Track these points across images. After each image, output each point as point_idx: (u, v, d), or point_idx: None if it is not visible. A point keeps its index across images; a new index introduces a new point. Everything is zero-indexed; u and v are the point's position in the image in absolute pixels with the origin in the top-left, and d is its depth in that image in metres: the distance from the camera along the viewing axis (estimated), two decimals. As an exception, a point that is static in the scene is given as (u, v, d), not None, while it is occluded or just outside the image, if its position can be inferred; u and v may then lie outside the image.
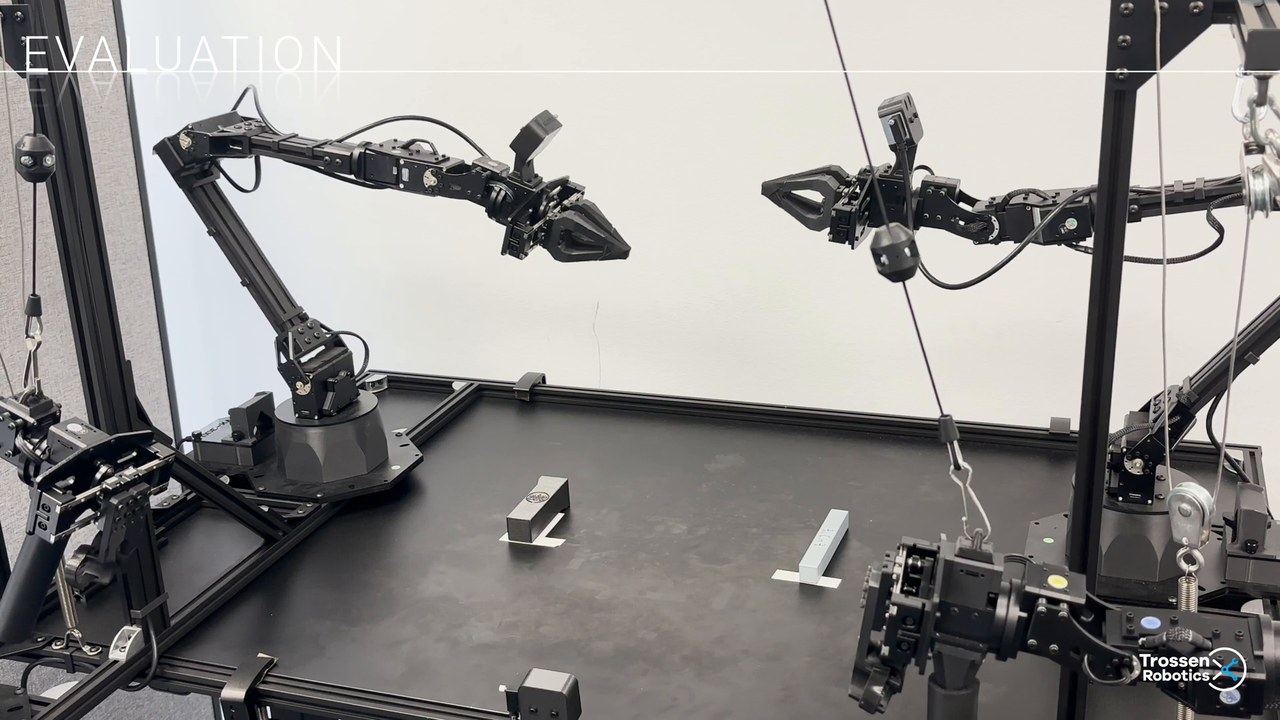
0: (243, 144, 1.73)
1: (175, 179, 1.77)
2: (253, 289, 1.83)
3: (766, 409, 2.04)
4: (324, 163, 1.69)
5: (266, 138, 1.73)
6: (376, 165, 1.67)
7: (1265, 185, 0.93)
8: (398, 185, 1.67)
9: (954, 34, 1.95)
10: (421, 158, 1.67)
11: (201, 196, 1.79)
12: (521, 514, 1.70)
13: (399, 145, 1.69)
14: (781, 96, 2.05)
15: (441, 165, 1.65)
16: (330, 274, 2.43)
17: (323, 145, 1.70)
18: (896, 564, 0.97)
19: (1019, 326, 2.03)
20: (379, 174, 1.67)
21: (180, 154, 1.74)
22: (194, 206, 1.79)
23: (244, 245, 1.82)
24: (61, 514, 1.21)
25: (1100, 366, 1.07)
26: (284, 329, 1.82)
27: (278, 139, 1.73)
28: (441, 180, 1.64)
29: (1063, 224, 1.40)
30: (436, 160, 1.66)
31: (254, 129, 1.75)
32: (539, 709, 1.23)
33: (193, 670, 1.44)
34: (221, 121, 1.77)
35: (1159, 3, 0.94)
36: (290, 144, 1.72)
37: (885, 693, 0.97)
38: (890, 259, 0.98)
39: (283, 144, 1.72)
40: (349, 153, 1.68)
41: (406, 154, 1.67)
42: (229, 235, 1.81)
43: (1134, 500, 1.46)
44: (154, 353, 2.39)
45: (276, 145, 1.72)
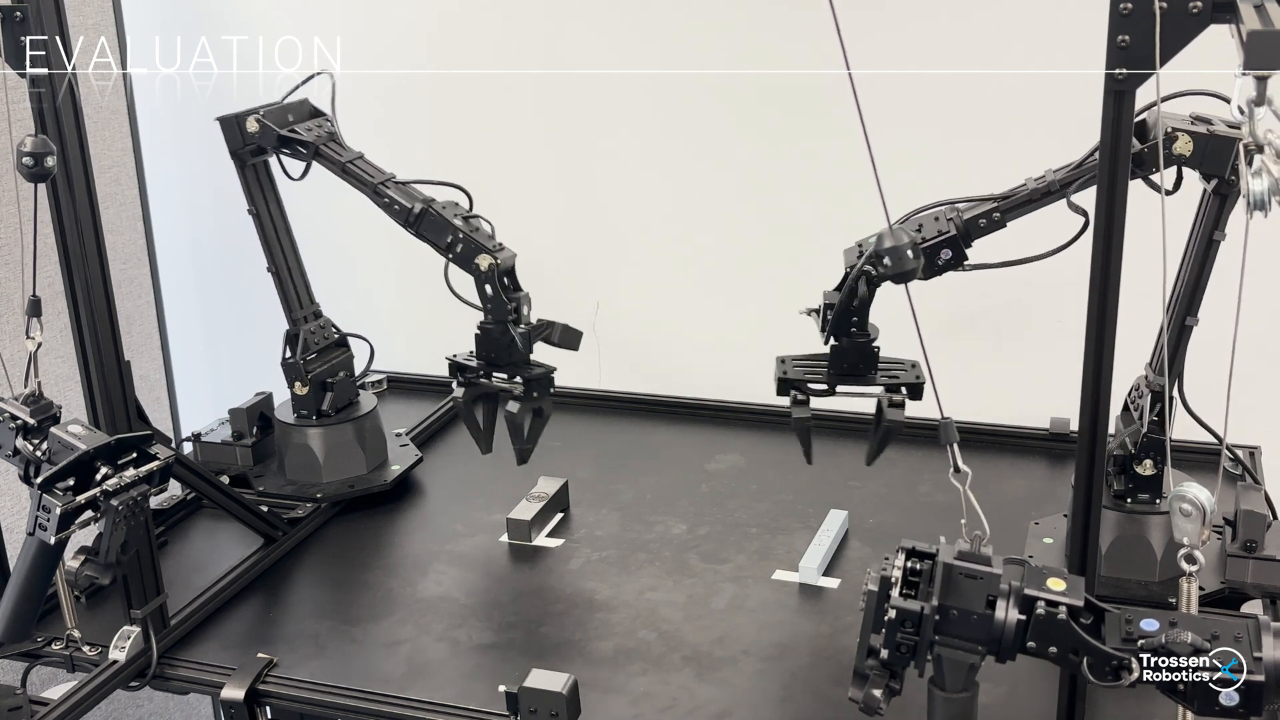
0: (308, 150, 1.70)
1: (230, 153, 1.74)
2: (276, 277, 1.81)
3: (766, 409, 2.04)
4: (383, 203, 1.66)
5: (333, 152, 1.70)
6: (434, 226, 1.64)
7: (1264, 185, 0.93)
8: (446, 253, 1.64)
9: (954, 34, 1.95)
10: (480, 239, 1.63)
11: (251, 175, 1.76)
12: (521, 514, 1.70)
13: (461, 214, 1.65)
14: (783, 96, 2.05)
15: (497, 258, 1.61)
16: (330, 273, 2.43)
17: (386, 184, 1.67)
18: (895, 567, 0.97)
19: (1019, 327, 2.03)
20: (433, 234, 1.64)
21: (244, 135, 1.72)
22: (241, 182, 1.76)
23: (279, 231, 1.81)
24: (62, 515, 1.21)
25: (1100, 366, 1.07)
26: (297, 325, 1.81)
27: (343, 159, 1.70)
28: (486, 274, 1.61)
29: (939, 257, 1.42)
30: (494, 248, 1.62)
31: (323, 135, 1.72)
32: (539, 709, 1.23)
33: (193, 670, 1.44)
34: (293, 111, 1.74)
35: (1158, 3, 0.94)
36: (355, 168, 1.69)
37: (885, 696, 0.97)
38: (893, 261, 0.98)
39: (348, 166, 1.69)
40: (410, 205, 1.64)
41: (467, 228, 1.63)
42: (268, 218, 1.79)
43: (1142, 501, 1.46)
44: (154, 353, 2.39)
45: (341, 166, 1.69)
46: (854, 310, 1.45)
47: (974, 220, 1.41)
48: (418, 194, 1.67)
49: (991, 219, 1.41)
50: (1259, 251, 1.08)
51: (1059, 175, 1.40)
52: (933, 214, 1.44)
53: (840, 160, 1.62)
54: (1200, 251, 1.39)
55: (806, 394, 1.50)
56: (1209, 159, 1.33)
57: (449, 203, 1.68)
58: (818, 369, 1.50)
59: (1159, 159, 1.28)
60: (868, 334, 1.47)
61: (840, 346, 1.47)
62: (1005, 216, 1.41)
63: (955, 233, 1.41)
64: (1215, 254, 1.38)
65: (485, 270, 1.61)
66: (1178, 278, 1.42)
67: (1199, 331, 1.42)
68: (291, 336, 1.81)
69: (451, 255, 1.63)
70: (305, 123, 1.74)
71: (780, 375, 1.50)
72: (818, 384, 1.49)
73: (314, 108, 1.78)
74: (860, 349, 1.47)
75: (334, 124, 1.76)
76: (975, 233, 1.41)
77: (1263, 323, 1.52)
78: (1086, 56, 1.12)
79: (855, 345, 1.47)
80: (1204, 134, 1.33)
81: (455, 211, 1.66)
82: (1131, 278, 1.06)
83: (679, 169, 2.18)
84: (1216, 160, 1.32)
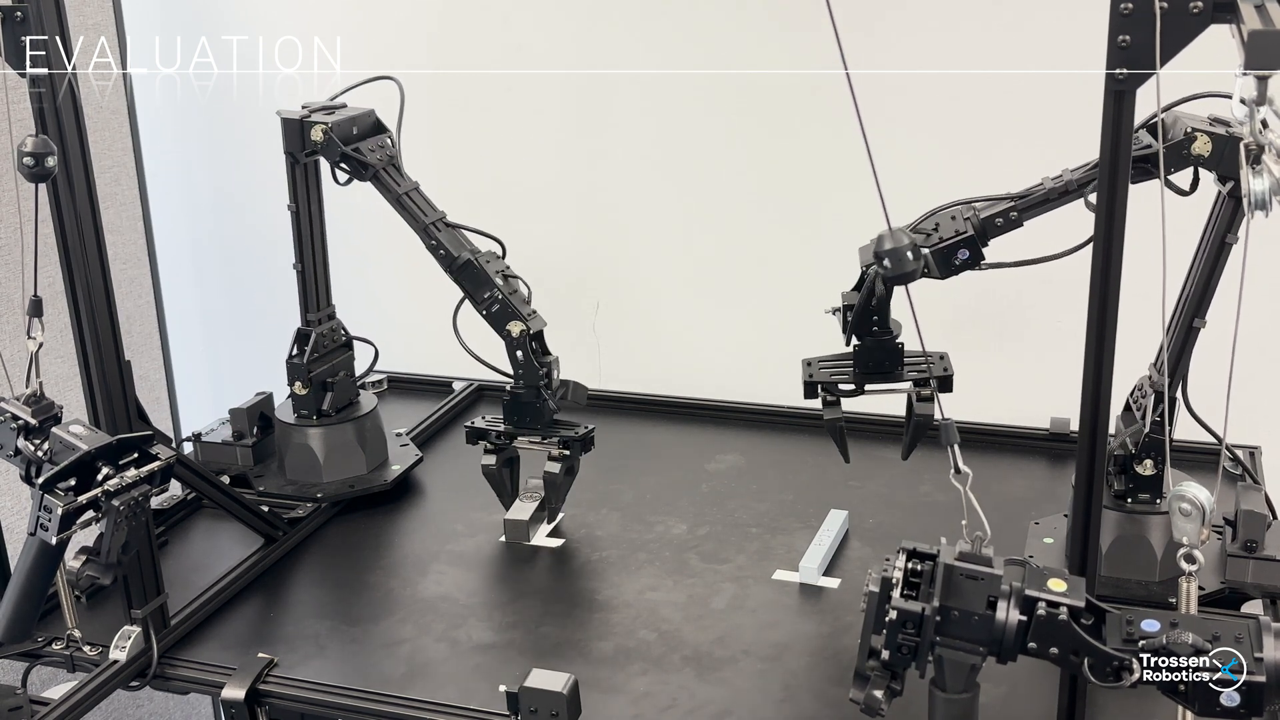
0: (367, 172, 1.69)
1: (285, 151, 1.73)
2: (300, 275, 1.81)
3: (766, 409, 2.04)
4: (431, 244, 1.66)
5: (391, 180, 1.69)
6: (475, 280, 1.64)
7: (1265, 185, 0.93)
8: (479, 307, 1.64)
9: (953, 34, 1.95)
10: (516, 302, 1.63)
11: (300, 172, 1.75)
12: (518, 514, 1.70)
13: (503, 271, 1.65)
14: (783, 96, 2.05)
15: (529, 326, 1.61)
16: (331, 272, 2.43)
17: (437, 224, 1.66)
18: (896, 568, 0.97)
19: (1019, 327, 2.03)
20: (471, 286, 1.64)
21: (305, 140, 1.70)
22: (288, 178, 1.75)
23: (314, 230, 1.80)
24: (63, 515, 1.21)
25: (1100, 366, 1.07)
26: (310, 325, 1.81)
27: (400, 189, 1.68)
28: (517, 340, 1.62)
29: (955, 257, 1.42)
30: (527, 315, 1.63)
31: (384, 159, 1.70)
32: (539, 709, 1.23)
33: (193, 670, 1.44)
34: (358, 124, 1.72)
35: (1159, 3, 0.94)
36: (408, 201, 1.68)
37: (886, 697, 0.97)
38: (893, 262, 0.98)
39: (402, 198, 1.68)
40: (457, 254, 1.64)
41: (506, 288, 1.63)
42: (305, 216, 1.78)
43: (1143, 501, 1.46)
44: (154, 353, 2.39)
45: (397, 197, 1.68)
46: (874, 309, 1.45)
47: (990, 219, 1.41)
48: (466, 242, 1.67)
49: (1009, 218, 1.40)
50: (1259, 251, 1.08)
51: (1076, 175, 1.39)
52: (949, 213, 1.43)
53: (843, 160, 1.62)
54: (1212, 254, 1.38)
55: (836, 395, 1.50)
56: (1227, 160, 1.32)
57: (491, 255, 1.67)
58: (844, 369, 1.50)
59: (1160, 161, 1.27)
60: (890, 331, 1.47)
61: (865, 345, 1.48)
62: (1023, 216, 1.40)
63: (972, 232, 1.40)
64: (1227, 257, 1.37)
65: (516, 336, 1.62)
66: (1187, 279, 1.42)
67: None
68: (303, 335, 1.81)
69: (485, 312, 1.64)
70: (368, 140, 1.72)
71: (807, 378, 1.51)
72: (845, 384, 1.50)
73: (378, 121, 1.76)
74: (884, 346, 1.47)
75: (396, 141, 1.74)
76: (992, 232, 1.41)
77: (1263, 323, 1.52)
78: (1087, 56, 1.12)
79: (879, 344, 1.47)
80: (1223, 135, 1.32)
81: (498, 268, 1.66)
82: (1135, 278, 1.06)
83: (679, 168, 2.18)
84: (1234, 162, 1.32)
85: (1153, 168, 1.33)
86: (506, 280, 1.65)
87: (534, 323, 1.63)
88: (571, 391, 1.68)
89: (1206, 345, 1.42)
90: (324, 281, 1.84)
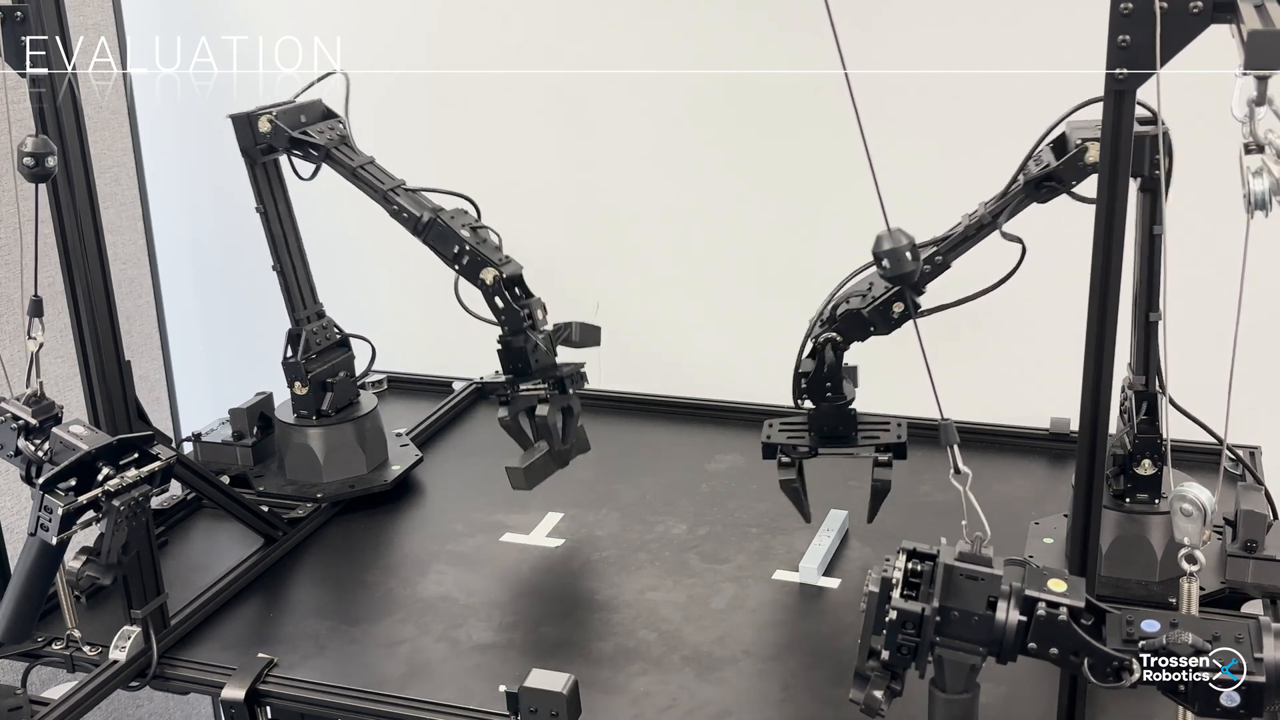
0: (319, 153, 1.70)
1: (241, 151, 1.74)
2: (281, 276, 1.81)
3: (766, 409, 2.04)
4: (392, 210, 1.67)
5: (344, 156, 1.70)
6: (442, 236, 1.64)
7: (1265, 185, 0.93)
8: (452, 264, 1.64)
9: (953, 34, 1.95)
10: (486, 250, 1.63)
11: (261, 173, 1.76)
12: (515, 461, 1.65)
13: (470, 224, 1.65)
14: (783, 96, 2.05)
15: (502, 271, 1.61)
16: (331, 273, 2.43)
17: (396, 190, 1.67)
18: (896, 568, 0.97)
19: (1019, 326, 2.03)
20: (440, 245, 1.65)
21: (255, 133, 1.71)
22: (250, 180, 1.76)
23: (286, 230, 1.80)
24: (64, 515, 1.20)
25: (1100, 366, 1.07)
26: (299, 325, 1.81)
27: (354, 163, 1.69)
28: (491, 287, 1.62)
29: (892, 311, 1.44)
30: (500, 260, 1.63)
31: (335, 139, 1.72)
32: (539, 709, 1.23)
33: (193, 670, 1.44)
34: (306, 112, 1.74)
35: (1159, 3, 0.94)
36: (365, 173, 1.69)
37: (886, 697, 0.97)
38: (891, 263, 0.98)
39: (358, 171, 1.69)
40: (419, 214, 1.65)
41: (474, 239, 1.63)
42: (275, 216, 1.78)
43: (1141, 501, 1.47)
44: (154, 353, 2.39)
45: (352, 170, 1.69)
46: (826, 376, 1.47)
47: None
48: (427, 202, 1.67)
49: (934, 262, 1.43)
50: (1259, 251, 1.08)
51: (989, 208, 1.42)
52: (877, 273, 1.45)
53: (842, 161, 1.61)
54: (1145, 248, 1.40)
55: (793, 457, 1.52)
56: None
57: (458, 211, 1.67)
58: (801, 432, 1.52)
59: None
60: (844, 396, 1.49)
61: (820, 411, 1.50)
62: (948, 257, 1.43)
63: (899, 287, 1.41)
64: (1161, 248, 1.39)
65: (490, 284, 1.61)
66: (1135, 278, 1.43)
67: (1199, 331, 1.41)
68: (294, 336, 1.81)
69: (458, 267, 1.64)
70: (318, 124, 1.74)
71: (765, 439, 1.53)
72: (802, 446, 1.52)
73: (327, 109, 1.78)
74: (839, 412, 1.50)
75: (346, 126, 1.76)
76: (923, 280, 1.43)
77: (1263, 323, 1.52)
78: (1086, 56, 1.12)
79: (835, 409, 1.49)
80: None
81: (464, 222, 1.66)
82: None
83: (679, 168, 2.19)
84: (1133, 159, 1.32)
85: (1057, 184, 1.37)
86: (474, 231, 1.64)
87: (508, 268, 1.62)
88: (577, 332, 1.66)
89: (1206, 345, 1.41)
90: (306, 280, 1.84)
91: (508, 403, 1.67)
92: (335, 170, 1.72)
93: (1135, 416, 1.46)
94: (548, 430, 1.65)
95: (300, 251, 1.83)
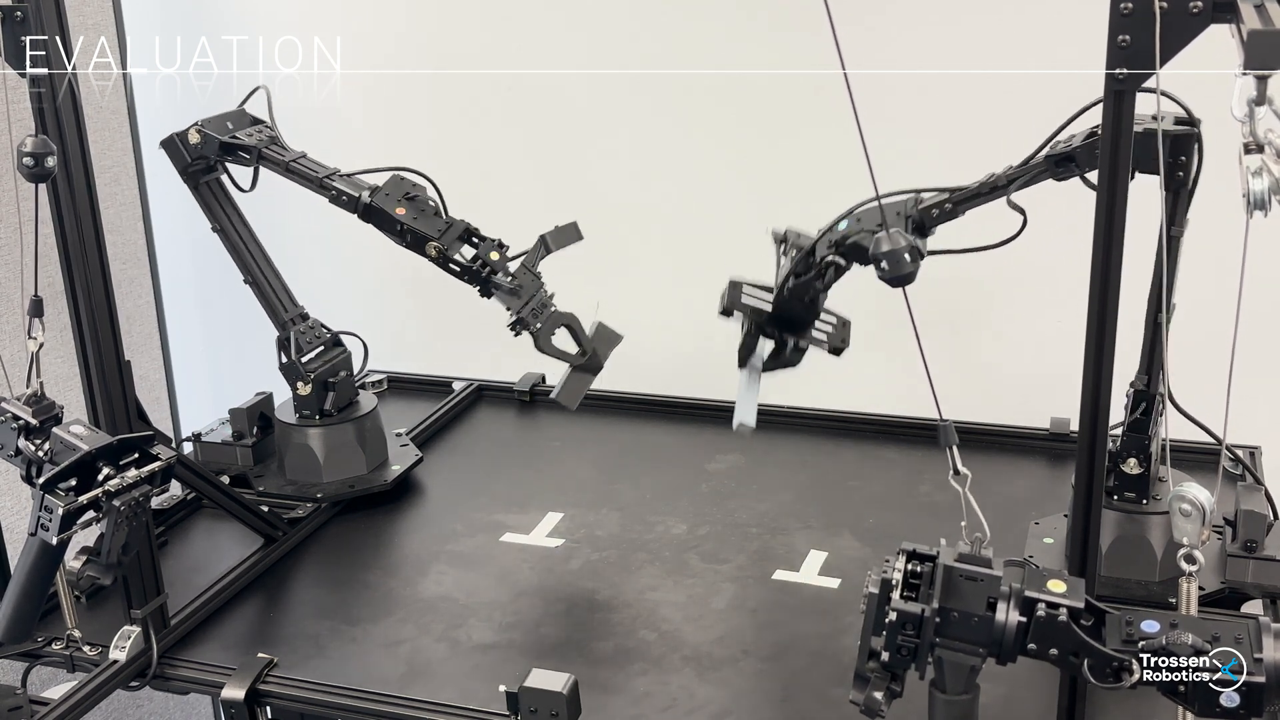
0: (251, 154, 1.71)
1: (180, 174, 1.76)
2: (255, 287, 1.82)
3: (766, 409, 2.03)
4: (330, 195, 1.68)
5: (275, 154, 1.72)
6: (380, 217, 1.66)
7: (1264, 185, 0.93)
8: (399, 242, 1.66)
9: (953, 34, 1.95)
10: (423, 225, 1.64)
11: (206, 193, 1.78)
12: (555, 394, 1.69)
13: (407, 194, 1.67)
14: (781, 97, 2.05)
15: (444, 243, 1.63)
16: (330, 273, 2.43)
17: (331, 177, 1.69)
18: (896, 569, 0.97)
19: (1019, 326, 2.03)
20: (384, 226, 1.66)
21: (188, 149, 1.73)
22: (198, 202, 1.78)
23: (247, 243, 1.82)
24: (64, 516, 1.20)
25: (1100, 366, 1.07)
26: (286, 328, 1.82)
27: (286, 158, 1.71)
28: (438, 260, 1.64)
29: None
30: (439, 232, 1.64)
31: (264, 139, 1.74)
32: (539, 709, 1.23)
33: (193, 670, 1.44)
34: (232, 120, 1.75)
35: (1159, 3, 0.94)
36: (298, 166, 1.71)
37: (886, 698, 0.97)
38: (890, 264, 0.98)
39: (291, 165, 1.71)
40: (356, 194, 1.67)
41: (409, 215, 1.64)
42: (232, 232, 1.80)
43: (1129, 499, 1.47)
44: (154, 353, 2.39)
45: (285, 165, 1.71)
46: (812, 291, 1.51)
47: (928, 210, 1.45)
48: (363, 184, 1.69)
49: (944, 209, 1.44)
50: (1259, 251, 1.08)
51: (1008, 173, 1.42)
52: (893, 205, 1.47)
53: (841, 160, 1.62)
54: (1160, 249, 1.39)
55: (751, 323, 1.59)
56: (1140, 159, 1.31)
57: (393, 182, 1.67)
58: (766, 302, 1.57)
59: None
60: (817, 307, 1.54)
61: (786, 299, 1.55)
62: (959, 207, 1.44)
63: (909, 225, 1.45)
64: (1176, 250, 1.38)
65: (435, 258, 1.63)
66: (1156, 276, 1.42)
67: (1198, 331, 1.42)
68: (283, 341, 1.82)
69: (403, 244, 1.65)
70: (245, 129, 1.76)
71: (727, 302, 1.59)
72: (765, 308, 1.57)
73: (253, 117, 1.79)
74: (806, 308, 1.55)
75: (275, 129, 1.77)
76: (929, 222, 1.45)
77: (1262, 322, 1.52)
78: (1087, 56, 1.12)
79: (802, 305, 1.54)
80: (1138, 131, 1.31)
81: (401, 192, 1.66)
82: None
83: (679, 168, 2.19)
84: (1148, 158, 1.30)
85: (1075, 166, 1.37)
86: (412, 201, 1.65)
87: (448, 236, 1.63)
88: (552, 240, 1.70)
89: (1206, 345, 1.42)
90: (280, 285, 1.85)
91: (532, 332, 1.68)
92: (270, 169, 1.73)
93: (1129, 415, 1.46)
94: (550, 353, 1.67)
95: (267, 260, 1.84)
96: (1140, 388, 1.46)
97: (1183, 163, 1.34)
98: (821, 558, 1.61)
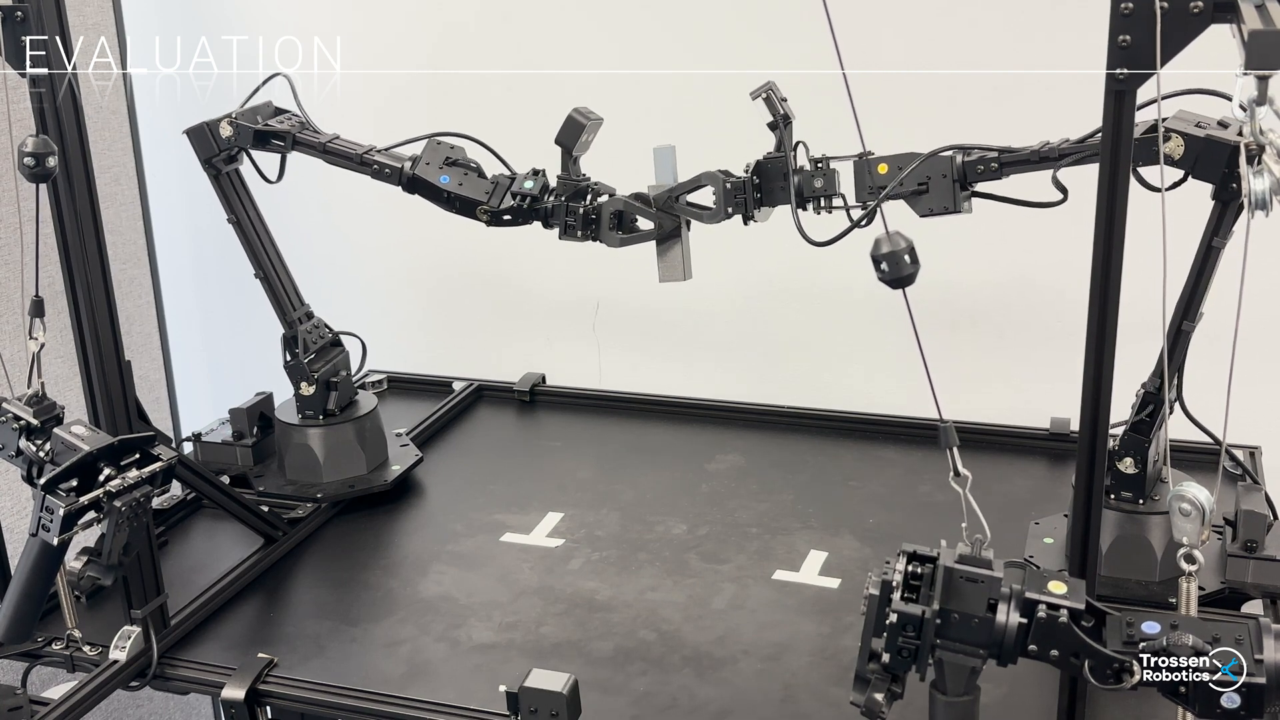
0: (286, 140, 1.71)
1: (202, 163, 1.75)
2: (265, 282, 1.82)
3: (766, 409, 2.04)
4: (372, 170, 1.67)
5: (310, 137, 1.71)
6: (426, 188, 1.64)
7: (1265, 185, 0.93)
8: (449, 209, 1.64)
9: (953, 34, 1.95)
10: (469, 190, 1.62)
11: (226, 183, 1.77)
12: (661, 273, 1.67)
13: (449, 159, 1.65)
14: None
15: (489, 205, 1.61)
16: (330, 273, 2.43)
17: (370, 152, 1.68)
18: (896, 570, 0.97)
19: (1019, 326, 2.03)
20: (430, 195, 1.65)
21: (217, 141, 1.72)
22: (217, 192, 1.77)
23: (262, 236, 1.81)
24: (65, 516, 1.20)
25: (1100, 366, 1.07)
26: (293, 326, 1.82)
27: (322, 140, 1.71)
28: (490, 221, 1.62)
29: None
30: (486, 195, 1.62)
31: (296, 125, 1.73)
32: (539, 709, 1.23)
33: (193, 670, 1.44)
34: (262, 113, 1.74)
35: (1159, 3, 0.94)
36: (335, 146, 1.70)
37: (887, 700, 0.97)
38: (890, 266, 0.98)
39: (328, 145, 1.70)
40: (399, 165, 1.65)
41: (454, 183, 1.62)
42: (248, 224, 1.80)
43: (1125, 499, 1.47)
44: (154, 353, 2.39)
45: (322, 146, 1.70)
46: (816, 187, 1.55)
47: (973, 164, 1.44)
48: (403, 155, 1.68)
49: (989, 166, 1.43)
50: (1259, 251, 1.08)
51: (1062, 146, 1.40)
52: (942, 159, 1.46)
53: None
54: (1199, 257, 1.38)
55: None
56: (1201, 164, 1.31)
57: (431, 148, 1.65)
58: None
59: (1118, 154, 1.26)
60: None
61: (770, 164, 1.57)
62: (1005, 169, 1.43)
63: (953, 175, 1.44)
64: (1215, 260, 1.37)
65: (488, 223, 1.62)
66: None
67: (1198, 330, 1.42)
68: (290, 339, 1.81)
69: (452, 210, 1.63)
70: (275, 118, 1.75)
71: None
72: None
73: (278, 107, 1.78)
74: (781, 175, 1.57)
75: (305, 117, 1.76)
76: (973, 176, 1.44)
77: (1262, 323, 1.52)
78: (1086, 56, 1.12)
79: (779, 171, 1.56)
80: (1198, 138, 1.31)
81: (441, 159, 1.64)
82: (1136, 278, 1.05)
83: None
84: (1209, 166, 1.31)
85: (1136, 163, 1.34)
86: (453, 166, 1.64)
87: (494, 199, 1.61)
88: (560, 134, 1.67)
89: (1206, 345, 1.42)
90: (290, 282, 1.85)
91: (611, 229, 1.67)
92: (305, 153, 1.72)
93: (1135, 414, 1.45)
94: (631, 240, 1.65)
95: (279, 255, 1.84)
96: (1151, 389, 1.45)
97: (1237, 175, 1.33)
98: (821, 558, 1.61)
